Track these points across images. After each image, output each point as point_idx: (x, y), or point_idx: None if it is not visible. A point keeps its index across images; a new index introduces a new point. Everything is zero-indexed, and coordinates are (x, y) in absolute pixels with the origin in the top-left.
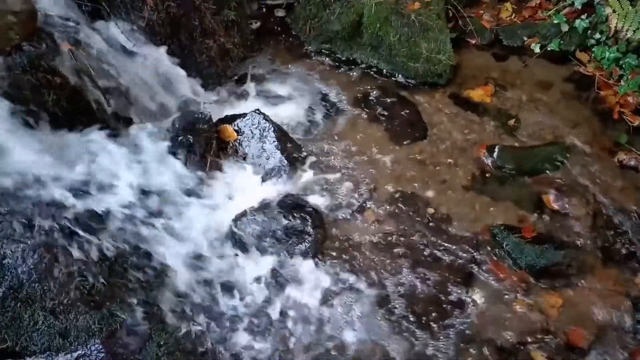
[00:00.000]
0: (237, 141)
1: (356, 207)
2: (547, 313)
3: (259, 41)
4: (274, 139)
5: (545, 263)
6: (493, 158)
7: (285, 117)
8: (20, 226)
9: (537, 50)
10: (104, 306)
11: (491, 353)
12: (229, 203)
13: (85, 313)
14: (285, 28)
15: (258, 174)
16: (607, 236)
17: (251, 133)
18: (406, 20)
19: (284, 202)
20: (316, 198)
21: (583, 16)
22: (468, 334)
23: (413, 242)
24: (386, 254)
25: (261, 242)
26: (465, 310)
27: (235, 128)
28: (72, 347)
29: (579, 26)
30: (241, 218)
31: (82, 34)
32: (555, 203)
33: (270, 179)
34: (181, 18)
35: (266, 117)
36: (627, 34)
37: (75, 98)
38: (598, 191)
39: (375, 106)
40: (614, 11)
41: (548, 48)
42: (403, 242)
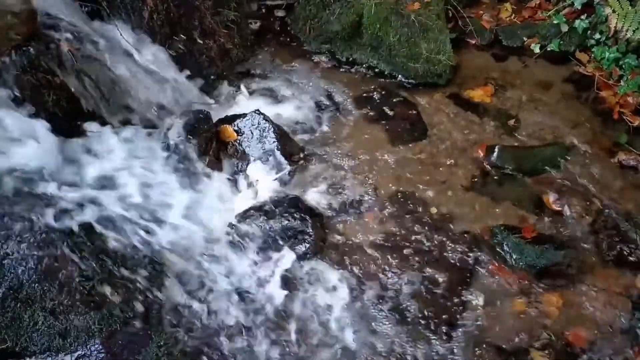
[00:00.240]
0: (237, 141)
1: (356, 208)
2: (547, 313)
3: (259, 41)
4: (274, 139)
5: (545, 263)
6: (493, 158)
7: (285, 118)
8: (20, 226)
9: (537, 50)
10: (104, 306)
11: (491, 353)
12: (229, 203)
13: (85, 313)
14: (285, 28)
15: (258, 174)
16: (607, 236)
17: (251, 133)
18: (406, 20)
19: (284, 203)
20: (316, 198)
21: (583, 16)
22: (468, 334)
23: (413, 243)
24: (386, 254)
25: (261, 243)
26: (465, 310)
27: (235, 128)
28: (72, 348)
29: (579, 26)
30: (241, 218)
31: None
32: (555, 203)
33: (270, 179)
34: (181, 18)
35: (266, 118)
36: (627, 34)
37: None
38: (598, 191)
39: (375, 106)
40: (614, 11)
41: (548, 48)
42: (403, 243)
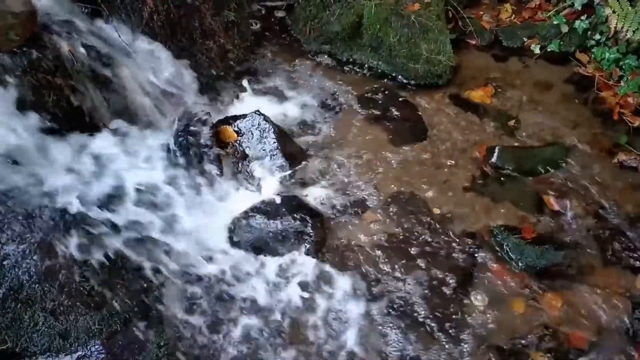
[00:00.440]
0: (237, 142)
1: (356, 208)
2: (547, 314)
3: (259, 42)
4: (274, 140)
5: (545, 264)
6: (493, 159)
7: (285, 118)
8: (20, 226)
9: (537, 51)
10: (104, 307)
11: (491, 353)
12: (229, 204)
13: (85, 314)
14: (285, 29)
15: (258, 175)
16: (607, 237)
17: (251, 134)
18: (406, 21)
19: (284, 203)
20: (316, 199)
21: (583, 17)
22: (467, 334)
23: (413, 243)
24: (386, 255)
25: (261, 243)
26: (465, 310)
27: (235, 129)
28: (72, 348)
29: (579, 27)
30: (241, 219)
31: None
32: (555, 204)
33: (270, 179)
34: (181, 19)
35: (266, 118)
36: (627, 35)
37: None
38: (598, 192)
39: (375, 107)
40: (614, 12)
41: (548, 49)
42: (403, 243)
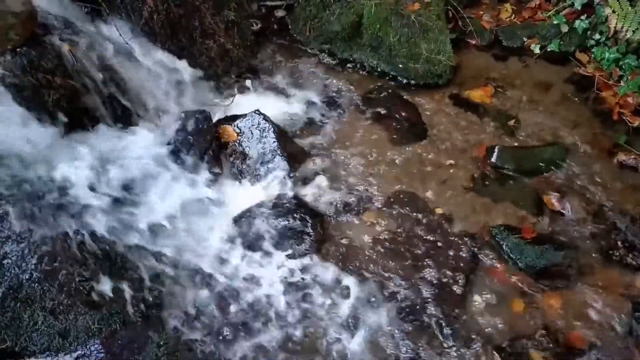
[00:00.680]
0: (237, 141)
1: (356, 208)
2: (547, 314)
3: (259, 42)
4: (274, 140)
5: (544, 264)
6: (493, 158)
7: (285, 118)
8: (20, 226)
9: (537, 51)
10: (104, 306)
11: (490, 354)
12: (229, 204)
13: (85, 313)
14: (285, 29)
15: (258, 174)
16: (607, 237)
17: (251, 133)
18: (406, 20)
19: (284, 203)
20: (316, 198)
21: (583, 17)
22: (467, 334)
23: (413, 243)
24: (386, 255)
25: (260, 243)
26: (464, 310)
27: (235, 128)
28: (72, 347)
29: (579, 27)
30: (241, 219)
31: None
32: (555, 204)
33: (270, 180)
34: (181, 19)
35: (266, 118)
36: (627, 35)
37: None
38: (598, 192)
39: (375, 107)
40: (614, 12)
41: (548, 49)
42: (403, 243)
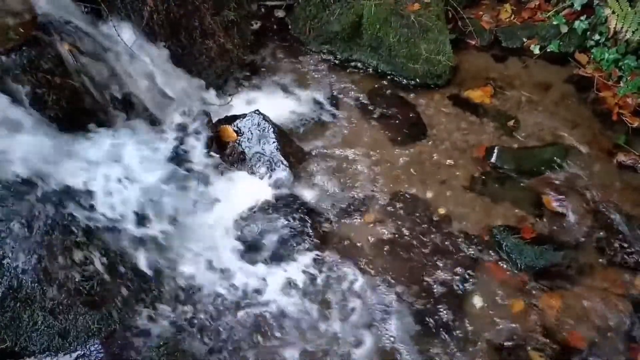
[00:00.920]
0: (237, 141)
1: (355, 207)
2: (546, 314)
3: (259, 42)
4: (274, 140)
5: (544, 264)
6: (493, 159)
7: (284, 118)
8: (19, 225)
9: (537, 51)
10: (104, 306)
11: (490, 353)
12: (229, 204)
13: (84, 313)
14: (284, 29)
15: (257, 175)
16: (606, 237)
17: (251, 134)
18: (406, 21)
19: (283, 202)
20: (315, 198)
21: (582, 17)
22: (466, 334)
23: (412, 243)
24: (385, 255)
25: (260, 243)
26: (464, 310)
27: (234, 128)
28: (72, 347)
29: (578, 27)
30: (240, 218)
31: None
32: (554, 204)
33: (269, 180)
34: (181, 19)
35: (266, 118)
36: (627, 35)
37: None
38: (597, 192)
39: (374, 107)
40: (613, 12)
41: (547, 49)
42: (402, 243)
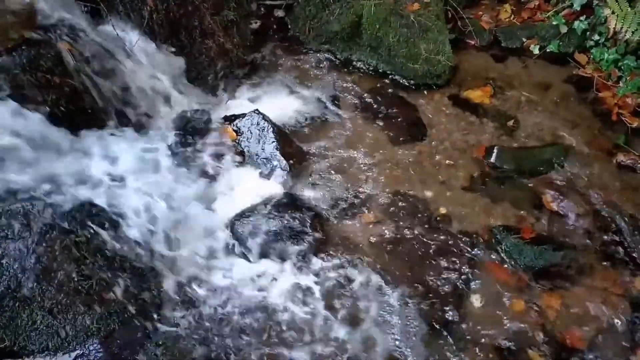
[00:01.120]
0: (237, 141)
1: (355, 208)
2: (546, 314)
3: (259, 41)
4: (273, 139)
5: (543, 264)
6: (492, 159)
7: (284, 117)
8: (18, 225)
9: (536, 51)
10: (103, 306)
11: (489, 353)
12: (228, 203)
13: (83, 313)
14: (284, 28)
15: (257, 174)
16: (606, 237)
17: (250, 133)
18: (405, 21)
19: (283, 202)
20: (315, 198)
21: (582, 17)
22: (466, 334)
23: (412, 243)
24: (385, 255)
25: (259, 243)
26: (463, 310)
27: (234, 128)
28: (71, 347)
29: (578, 27)
30: (240, 218)
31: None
32: (554, 204)
33: (269, 179)
34: (181, 18)
35: (265, 117)
36: (626, 36)
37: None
38: (597, 192)
39: (374, 107)
40: (613, 12)
41: (547, 49)
42: (402, 243)
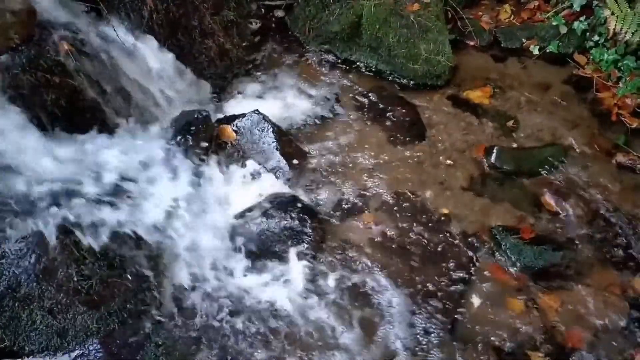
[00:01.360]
0: (236, 141)
1: (355, 208)
2: (545, 314)
3: (258, 41)
4: (273, 139)
5: (543, 264)
6: (492, 159)
7: (284, 117)
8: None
9: (536, 52)
10: (103, 306)
11: (489, 354)
12: (228, 203)
13: (83, 313)
14: (284, 28)
15: (257, 174)
16: (605, 238)
17: (250, 133)
18: (405, 21)
19: (283, 203)
20: (315, 198)
21: (582, 18)
22: (466, 335)
23: (412, 243)
24: (385, 255)
25: (259, 243)
26: (463, 310)
27: (234, 128)
28: (70, 347)
29: (578, 28)
30: (239, 218)
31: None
32: (553, 204)
33: (269, 179)
34: (180, 18)
35: (265, 117)
36: (626, 36)
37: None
38: (596, 192)
39: (374, 107)
40: (613, 13)
41: (547, 50)
42: (402, 243)
